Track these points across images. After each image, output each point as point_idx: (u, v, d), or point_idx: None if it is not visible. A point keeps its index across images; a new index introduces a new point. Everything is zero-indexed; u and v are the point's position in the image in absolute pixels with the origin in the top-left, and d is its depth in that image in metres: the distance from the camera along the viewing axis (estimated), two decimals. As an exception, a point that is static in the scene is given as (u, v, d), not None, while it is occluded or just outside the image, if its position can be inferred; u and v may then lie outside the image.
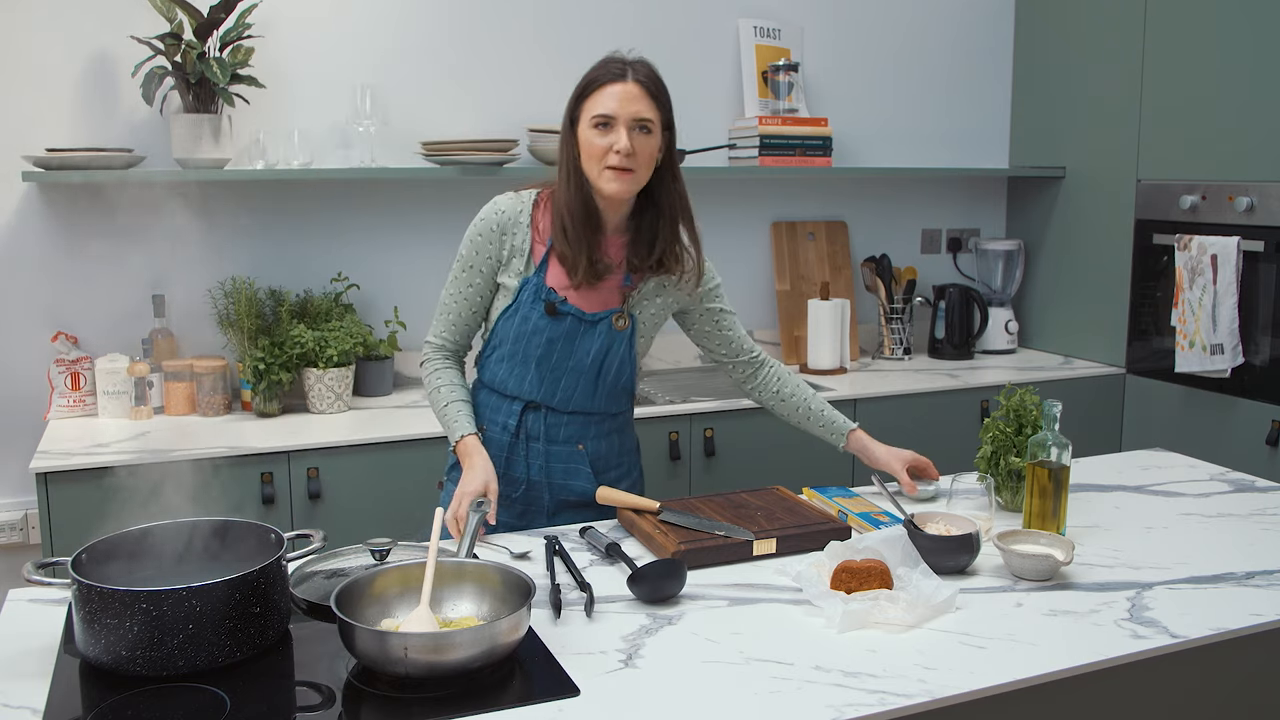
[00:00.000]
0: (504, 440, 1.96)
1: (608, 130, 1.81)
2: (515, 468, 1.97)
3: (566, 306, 1.90)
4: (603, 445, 2.00)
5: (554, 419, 1.95)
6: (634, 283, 1.94)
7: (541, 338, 1.90)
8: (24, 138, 2.71)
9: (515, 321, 1.91)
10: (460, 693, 1.29)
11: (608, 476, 2.01)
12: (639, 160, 1.82)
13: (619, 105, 1.80)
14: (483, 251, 1.92)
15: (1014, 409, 1.98)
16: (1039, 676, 1.37)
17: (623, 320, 1.93)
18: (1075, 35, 3.54)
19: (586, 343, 1.91)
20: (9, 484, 2.80)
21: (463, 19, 3.10)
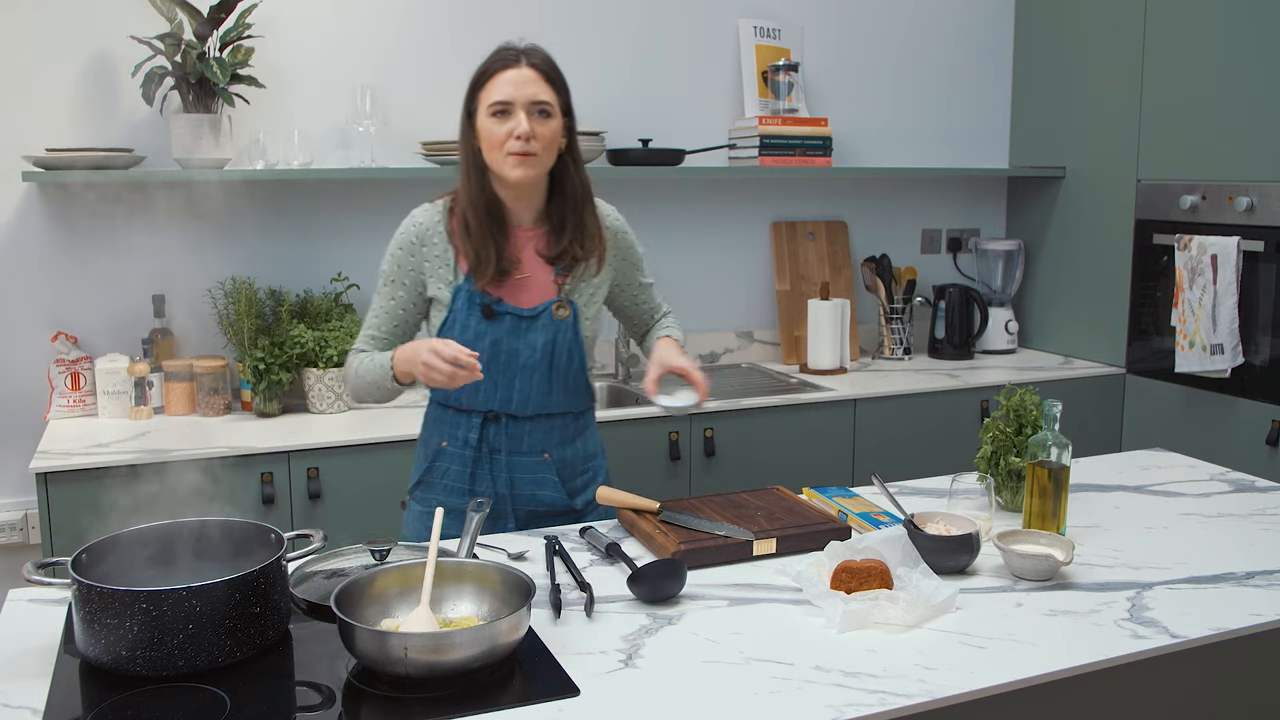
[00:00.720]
0: (467, 455, 1.93)
1: (506, 117, 1.80)
2: (480, 482, 1.94)
3: (503, 306, 1.88)
4: (568, 452, 1.98)
5: (516, 428, 1.92)
6: (565, 272, 1.92)
7: (484, 342, 1.87)
8: (24, 138, 2.71)
9: (455, 332, 1.88)
10: (460, 693, 1.29)
11: (575, 484, 1.99)
12: (540, 144, 1.81)
13: (515, 90, 1.80)
14: (404, 265, 1.92)
15: (1014, 409, 1.98)
16: (1039, 676, 1.37)
17: (563, 309, 1.91)
18: (1075, 35, 3.54)
19: (531, 338, 1.89)
20: (9, 484, 2.80)
21: (463, 19, 3.10)
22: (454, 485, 1.95)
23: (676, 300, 3.43)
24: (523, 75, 1.81)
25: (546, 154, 1.84)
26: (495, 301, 1.88)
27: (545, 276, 1.92)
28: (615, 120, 3.25)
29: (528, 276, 1.90)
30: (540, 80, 1.82)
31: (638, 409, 2.86)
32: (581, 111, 3.20)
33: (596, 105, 3.24)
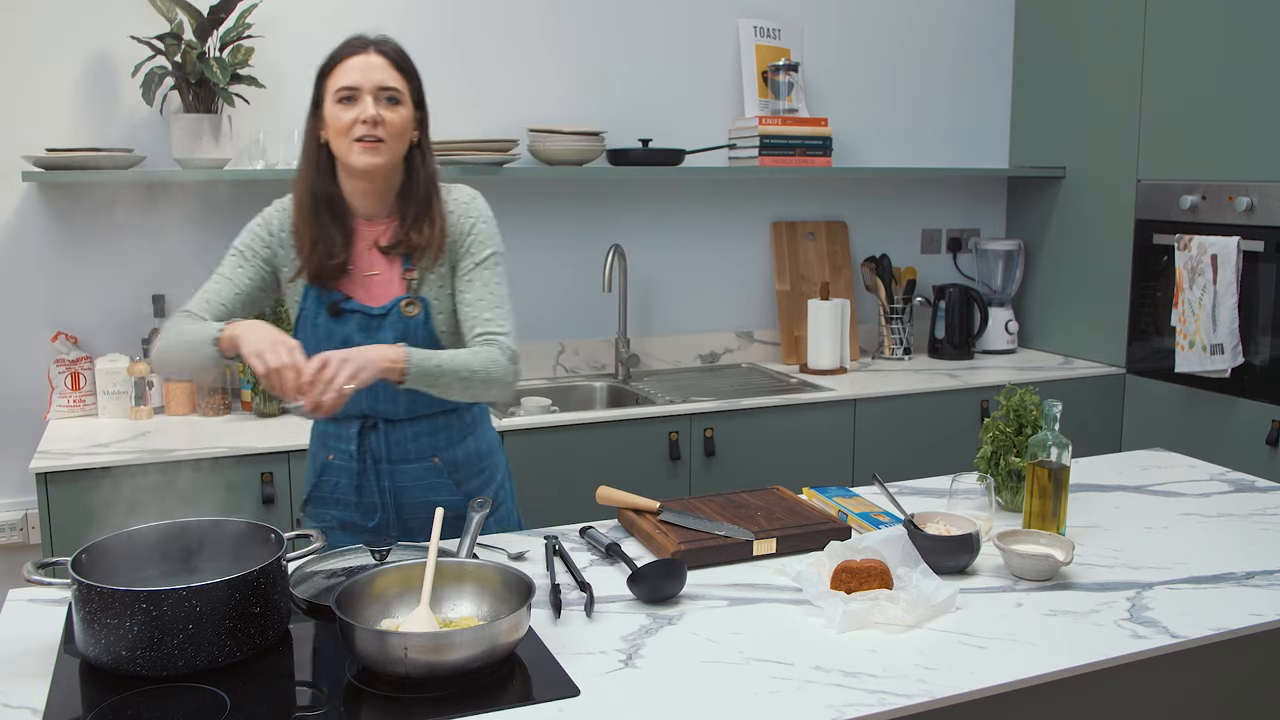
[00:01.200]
0: (352, 468, 1.86)
1: (352, 103, 1.75)
2: (367, 494, 1.86)
3: (350, 304, 1.81)
4: (459, 452, 1.90)
5: (397, 434, 1.85)
6: (413, 266, 1.82)
7: (334, 341, 1.77)
8: (24, 138, 2.71)
9: (308, 332, 1.81)
10: (460, 693, 1.29)
11: (471, 485, 1.91)
12: (387, 131, 1.75)
13: (361, 75, 1.75)
14: (260, 241, 1.84)
15: (1014, 409, 1.98)
16: (1039, 676, 1.37)
17: (412, 306, 1.81)
18: (1075, 35, 3.54)
19: (381, 336, 1.79)
20: (9, 484, 2.80)
21: (463, 19, 3.10)
22: (343, 498, 1.87)
23: (678, 300, 3.45)
24: (370, 61, 1.77)
25: (395, 142, 1.77)
26: (343, 299, 1.81)
27: (394, 273, 1.83)
28: (615, 120, 3.25)
29: (376, 274, 1.83)
30: (388, 67, 1.78)
31: (638, 409, 2.86)
32: (582, 112, 3.24)
33: (596, 105, 3.25)
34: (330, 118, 1.77)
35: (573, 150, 3.03)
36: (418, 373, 1.68)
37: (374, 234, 1.84)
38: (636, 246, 3.37)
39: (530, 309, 3.28)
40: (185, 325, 1.77)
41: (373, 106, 1.74)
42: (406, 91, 1.80)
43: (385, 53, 1.80)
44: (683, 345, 3.48)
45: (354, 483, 1.86)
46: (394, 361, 1.66)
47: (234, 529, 1.55)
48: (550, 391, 3.16)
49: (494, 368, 1.76)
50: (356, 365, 1.61)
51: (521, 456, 2.68)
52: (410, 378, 1.68)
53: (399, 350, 1.67)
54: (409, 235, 1.81)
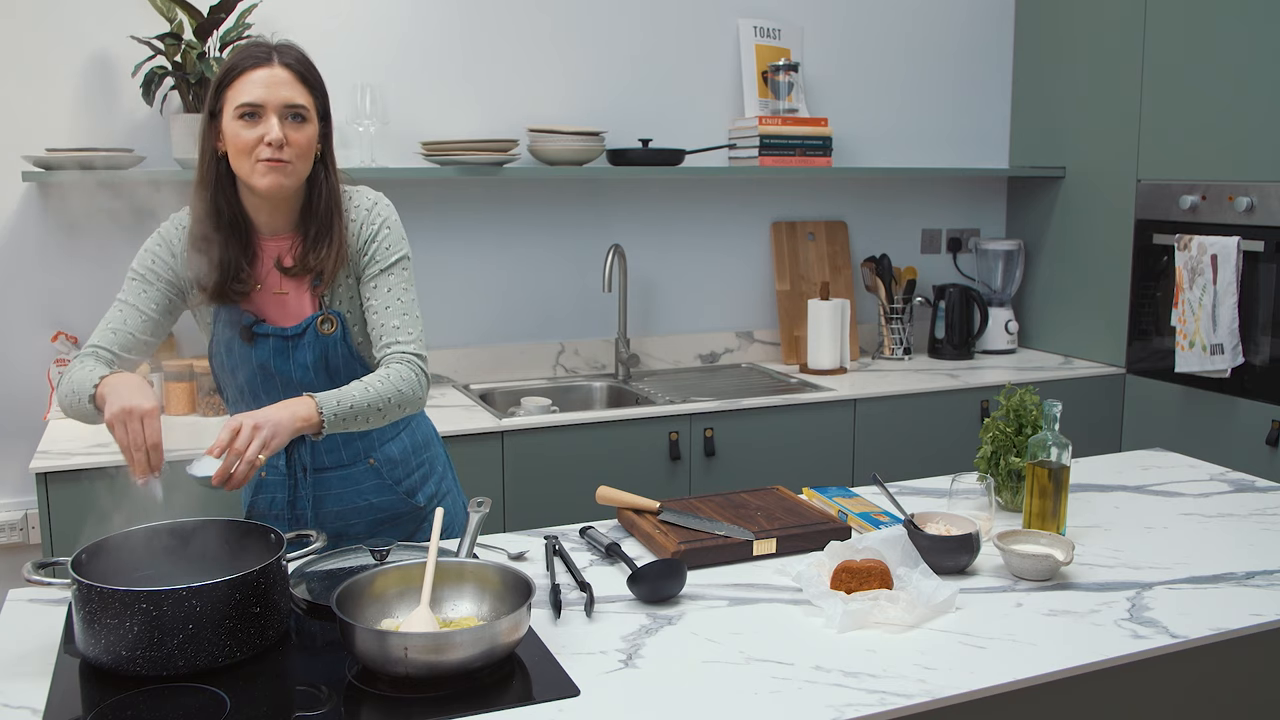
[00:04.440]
0: (280, 481, 1.81)
1: (255, 121, 1.62)
2: (300, 505, 1.80)
3: (263, 328, 1.73)
4: (393, 449, 1.85)
5: (327, 441, 1.78)
6: (324, 283, 1.74)
7: (252, 365, 1.74)
8: (24, 138, 2.71)
9: (223, 356, 1.76)
10: (460, 693, 1.29)
11: (411, 480, 1.88)
12: (294, 151, 1.65)
13: (266, 92, 1.62)
14: (159, 261, 1.74)
15: (1014, 409, 1.98)
16: (1039, 676, 1.37)
17: (328, 323, 1.73)
18: (1075, 35, 3.54)
19: (299, 356, 1.73)
20: (9, 484, 2.80)
21: (463, 19, 3.10)
22: (279, 514, 1.83)
23: (678, 300, 3.45)
24: (275, 76, 1.63)
25: (301, 162, 1.67)
26: (255, 323, 1.73)
27: (303, 290, 1.75)
28: (615, 120, 3.25)
29: (285, 294, 1.74)
30: (295, 81, 1.65)
31: (638, 409, 2.86)
32: (582, 112, 3.24)
33: (596, 105, 3.25)
34: (231, 134, 1.64)
35: (573, 150, 3.03)
36: (333, 421, 1.60)
37: (277, 250, 1.74)
38: (636, 246, 3.37)
39: (530, 309, 3.28)
40: (77, 373, 1.64)
41: (278, 127, 1.63)
42: (312, 107, 1.69)
43: (290, 65, 1.66)
44: (683, 345, 3.48)
45: (287, 496, 1.81)
46: (306, 420, 1.57)
47: (234, 529, 1.56)
48: (550, 391, 3.16)
49: (406, 389, 1.69)
50: (268, 433, 1.51)
51: (521, 456, 2.68)
52: (327, 428, 1.60)
53: (309, 405, 1.59)
54: (307, 257, 1.72)
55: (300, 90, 1.66)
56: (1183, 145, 3.19)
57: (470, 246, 3.18)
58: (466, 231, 3.18)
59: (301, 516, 1.81)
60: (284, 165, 1.64)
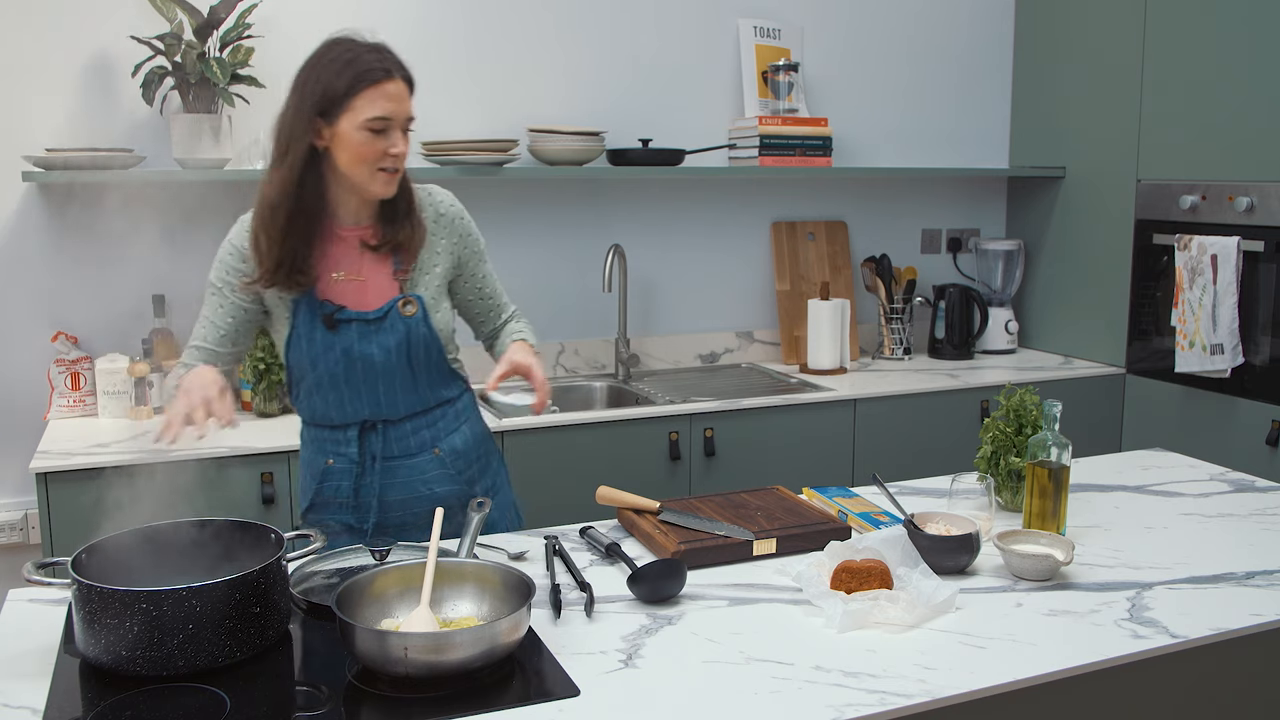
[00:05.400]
0: (350, 469, 1.86)
1: (383, 133, 1.71)
2: (366, 494, 1.86)
3: (345, 314, 1.79)
4: (457, 440, 1.92)
5: (396, 431, 1.86)
6: (405, 264, 1.83)
7: (335, 352, 1.79)
8: (24, 138, 2.71)
9: (303, 348, 1.80)
10: (460, 693, 1.29)
11: (471, 472, 1.93)
12: (405, 158, 1.76)
13: (396, 107, 1.71)
14: (232, 272, 1.80)
15: (1014, 409, 1.98)
16: (1039, 676, 1.37)
17: (409, 305, 1.81)
18: (1075, 35, 3.54)
19: (382, 339, 1.80)
20: (9, 484, 2.80)
21: (463, 19, 3.10)
22: (344, 501, 1.87)
23: (678, 300, 3.45)
24: (400, 90, 1.72)
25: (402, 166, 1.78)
26: (336, 310, 1.79)
27: (384, 275, 1.82)
28: (615, 120, 3.25)
29: (364, 281, 1.81)
30: (408, 94, 1.75)
31: (638, 409, 2.86)
32: (582, 112, 3.24)
33: (597, 105, 3.25)
34: (354, 141, 1.70)
35: (573, 150, 3.03)
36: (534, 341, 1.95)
37: (359, 236, 1.81)
38: (636, 246, 3.37)
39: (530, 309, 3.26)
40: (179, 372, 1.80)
41: (402, 141, 1.73)
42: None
43: (406, 78, 1.75)
44: (683, 345, 3.48)
45: (353, 485, 1.86)
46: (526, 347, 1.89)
47: (234, 529, 1.56)
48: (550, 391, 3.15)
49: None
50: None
51: (521, 456, 2.68)
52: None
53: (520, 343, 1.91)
54: (393, 234, 1.80)
55: (411, 102, 1.76)
56: (1183, 145, 3.19)
57: (470, 246, 3.18)
58: (466, 231, 3.18)
59: (366, 505, 1.86)
60: (398, 173, 1.76)
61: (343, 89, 1.69)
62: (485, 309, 1.98)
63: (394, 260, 1.82)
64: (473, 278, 1.94)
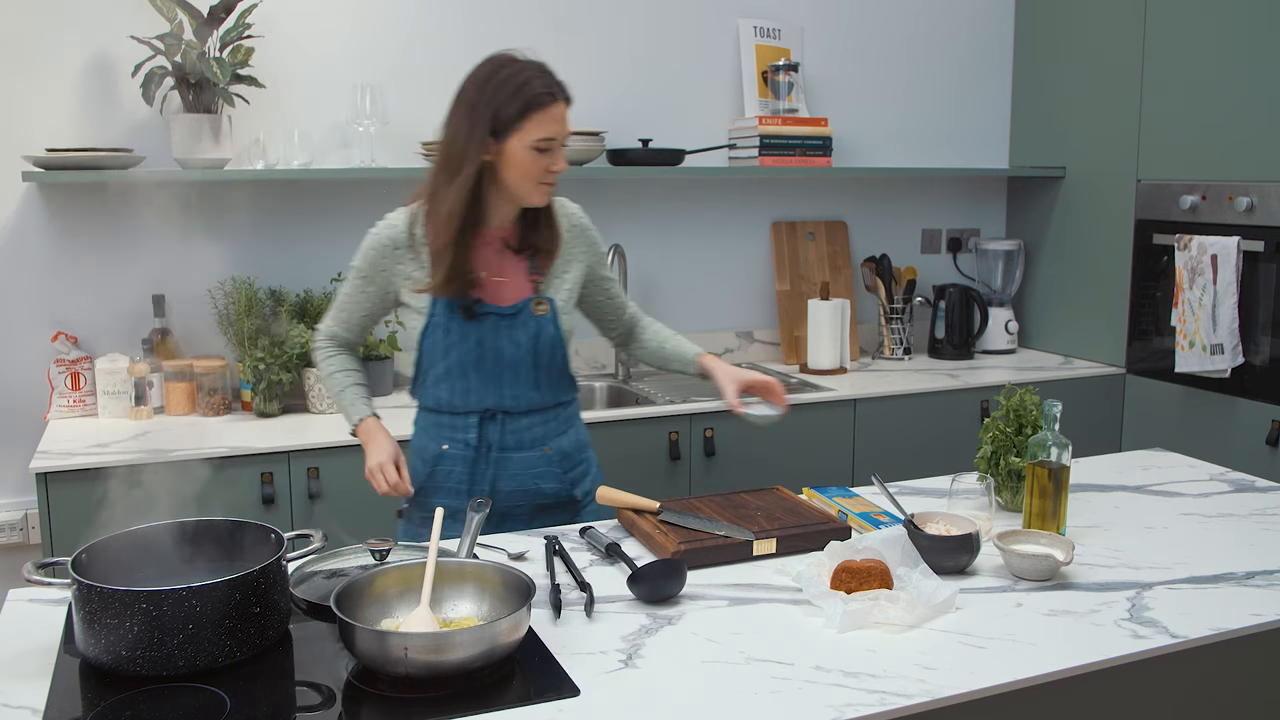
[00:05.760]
0: (466, 455, 1.96)
1: (547, 153, 1.84)
2: (480, 481, 1.96)
3: (483, 306, 1.91)
4: (564, 442, 2.02)
5: (513, 424, 1.96)
6: (540, 267, 1.96)
7: (470, 343, 1.91)
8: (24, 138, 2.71)
9: (439, 337, 1.91)
10: (460, 693, 1.29)
11: (574, 474, 2.03)
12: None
13: (560, 128, 1.84)
14: (376, 265, 1.94)
15: (1014, 409, 1.98)
16: (1039, 676, 1.37)
17: (541, 305, 1.94)
18: (1075, 35, 3.54)
19: (515, 334, 1.92)
20: (9, 484, 2.80)
21: (463, 19, 3.10)
22: (456, 487, 1.97)
23: (678, 300, 3.45)
24: (563, 112, 1.85)
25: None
26: (475, 302, 1.90)
27: (520, 275, 1.95)
28: (615, 120, 3.25)
29: (503, 280, 1.93)
30: (568, 114, 1.87)
31: (638, 409, 2.85)
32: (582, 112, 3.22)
33: (597, 105, 3.24)
34: (522, 159, 1.82)
35: (573, 150, 3.03)
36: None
37: (500, 236, 1.94)
38: (636, 246, 3.37)
39: (530, 309, 3.28)
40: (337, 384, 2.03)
41: (563, 159, 1.86)
42: None
43: (568, 99, 1.87)
44: (683, 345, 3.47)
45: (467, 471, 1.96)
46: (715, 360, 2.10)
47: (234, 529, 1.56)
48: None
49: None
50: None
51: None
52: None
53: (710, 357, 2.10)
54: (537, 238, 1.94)
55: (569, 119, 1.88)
56: (1183, 145, 3.19)
57: (470, 246, 3.18)
58: (466, 231, 3.18)
59: (479, 492, 1.96)
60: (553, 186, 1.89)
61: (514, 113, 1.81)
62: (613, 309, 2.14)
63: (530, 263, 1.96)
64: (601, 281, 2.09)
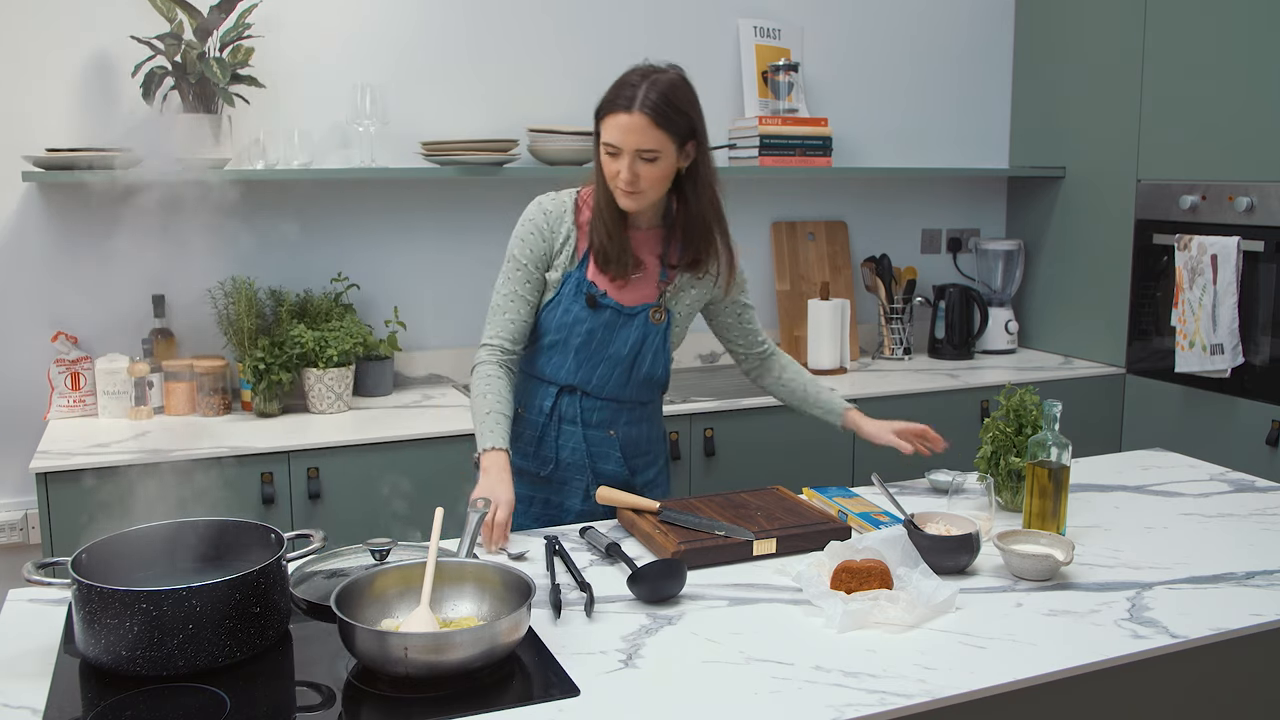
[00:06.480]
0: (539, 421, 2.03)
1: (615, 157, 1.87)
2: (546, 447, 2.04)
3: (606, 300, 1.97)
4: (633, 431, 2.07)
5: (588, 403, 2.02)
6: (670, 278, 2.01)
7: (582, 328, 1.97)
8: (24, 138, 2.71)
9: (557, 313, 1.98)
10: (460, 693, 1.29)
11: (637, 462, 2.08)
12: (644, 184, 1.88)
13: (622, 137, 1.85)
14: (535, 249, 1.99)
15: (1014, 409, 1.99)
16: (1039, 676, 1.37)
17: (659, 314, 2.01)
18: (1075, 35, 3.54)
19: (624, 334, 1.99)
20: (9, 484, 2.80)
21: (463, 19, 3.10)
22: (524, 449, 2.05)
23: (676, 300, 3.45)
24: (633, 123, 1.84)
25: (653, 190, 1.90)
26: (601, 295, 1.97)
27: (651, 279, 2.01)
28: (615, 120, 3.24)
29: (638, 276, 1.99)
30: (649, 127, 1.85)
31: (638, 409, 2.85)
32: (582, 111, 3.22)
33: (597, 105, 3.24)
34: (602, 160, 1.90)
35: (573, 150, 3.03)
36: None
37: (641, 239, 1.99)
38: (636, 246, 3.36)
39: (530, 309, 3.28)
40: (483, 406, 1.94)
41: (628, 169, 1.86)
42: (668, 145, 1.87)
43: (647, 112, 1.84)
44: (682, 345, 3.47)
45: (537, 434, 2.04)
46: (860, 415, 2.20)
47: (234, 529, 1.56)
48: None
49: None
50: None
51: (521, 456, 2.67)
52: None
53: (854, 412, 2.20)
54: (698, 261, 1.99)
55: (653, 135, 1.85)
56: (1183, 145, 3.19)
57: (470, 246, 3.18)
58: (466, 231, 3.18)
59: (546, 457, 2.03)
60: (635, 194, 1.90)
61: (598, 112, 1.90)
62: (741, 334, 2.19)
63: (663, 270, 2.00)
64: (733, 304, 2.14)
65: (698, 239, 1.98)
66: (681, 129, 1.89)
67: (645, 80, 1.87)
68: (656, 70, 1.90)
